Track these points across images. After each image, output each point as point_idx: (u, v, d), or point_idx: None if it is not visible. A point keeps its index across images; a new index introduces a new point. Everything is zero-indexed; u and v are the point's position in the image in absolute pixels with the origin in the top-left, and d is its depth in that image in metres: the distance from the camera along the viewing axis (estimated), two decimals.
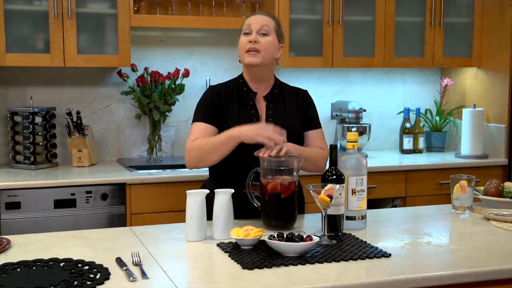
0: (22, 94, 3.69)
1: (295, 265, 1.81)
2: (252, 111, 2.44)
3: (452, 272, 1.79)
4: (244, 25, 2.45)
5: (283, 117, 2.45)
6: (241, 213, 2.27)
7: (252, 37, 2.40)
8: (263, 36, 2.41)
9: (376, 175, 3.66)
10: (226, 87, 2.50)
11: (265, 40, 2.41)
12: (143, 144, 3.92)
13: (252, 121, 2.40)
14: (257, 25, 2.42)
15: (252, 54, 2.40)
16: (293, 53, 3.86)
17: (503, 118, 4.01)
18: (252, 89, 2.47)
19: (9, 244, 2.01)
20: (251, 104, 2.45)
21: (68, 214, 3.20)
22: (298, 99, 2.54)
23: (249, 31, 2.42)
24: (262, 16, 2.47)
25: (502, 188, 2.57)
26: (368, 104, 4.31)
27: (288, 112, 2.48)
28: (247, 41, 2.40)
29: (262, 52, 2.40)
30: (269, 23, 2.44)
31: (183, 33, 3.97)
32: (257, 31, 2.41)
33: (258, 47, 2.39)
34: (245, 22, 2.47)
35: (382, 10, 3.97)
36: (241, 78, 2.50)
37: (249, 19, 2.46)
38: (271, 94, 2.48)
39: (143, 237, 2.13)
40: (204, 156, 2.35)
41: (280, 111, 2.47)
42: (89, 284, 1.65)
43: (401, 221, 2.47)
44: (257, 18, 2.45)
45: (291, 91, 2.55)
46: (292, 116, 2.48)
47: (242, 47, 2.43)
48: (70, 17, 3.39)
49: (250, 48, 2.39)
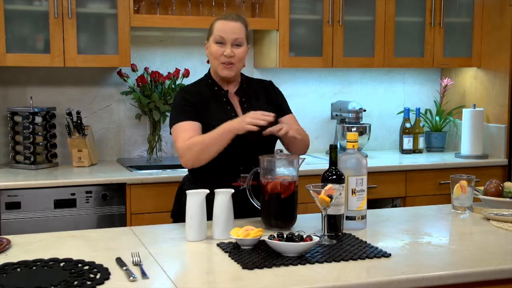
0: (22, 94, 3.69)
1: (295, 265, 1.81)
2: (228, 107, 2.47)
3: (452, 272, 1.79)
4: (216, 32, 2.43)
5: (257, 107, 2.48)
6: (239, 210, 2.26)
7: (228, 52, 2.41)
8: (237, 47, 2.43)
9: (376, 175, 3.66)
10: (197, 88, 2.52)
11: (238, 51, 2.43)
12: (143, 144, 3.93)
13: (231, 116, 2.42)
14: (231, 37, 2.42)
15: (228, 67, 2.44)
16: (293, 53, 3.86)
17: (503, 118, 4.01)
18: (223, 88, 2.50)
19: (9, 244, 2.01)
20: (225, 100, 2.49)
21: (68, 214, 3.20)
22: (265, 90, 2.59)
23: (222, 41, 2.42)
24: (234, 24, 2.44)
25: (502, 188, 2.57)
26: (368, 104, 4.31)
27: (261, 104, 2.52)
28: (221, 54, 2.42)
29: (236, 64, 2.45)
30: (241, 33, 2.45)
31: (183, 33, 3.97)
32: (232, 43, 2.42)
33: (232, 60, 2.43)
34: (216, 27, 2.44)
35: (382, 10, 3.97)
36: (209, 78, 2.53)
37: (222, 27, 2.43)
38: (241, 89, 2.53)
39: (143, 237, 2.13)
40: (201, 154, 2.34)
41: (254, 104, 2.51)
42: (89, 284, 1.65)
43: (401, 221, 2.47)
44: (230, 28, 2.43)
45: (257, 84, 2.61)
46: (265, 107, 2.51)
47: (216, 57, 2.43)
48: (70, 17, 3.39)
49: (226, 62, 2.42)
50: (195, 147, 2.34)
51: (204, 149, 2.32)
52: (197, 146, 2.33)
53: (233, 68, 2.44)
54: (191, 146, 2.35)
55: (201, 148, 2.32)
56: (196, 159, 2.35)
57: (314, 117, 4.25)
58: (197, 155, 2.34)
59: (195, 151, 2.34)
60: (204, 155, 2.34)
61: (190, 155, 2.35)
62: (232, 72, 2.45)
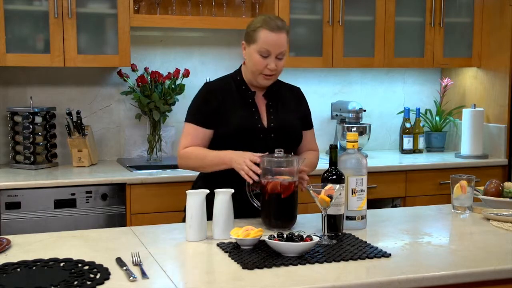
0: (22, 94, 3.69)
1: (295, 265, 1.81)
2: (253, 109, 2.44)
3: (452, 272, 1.79)
4: (261, 44, 2.35)
5: (283, 114, 2.47)
6: (239, 210, 2.26)
7: (272, 66, 2.37)
8: (280, 60, 2.40)
9: (376, 175, 3.65)
10: (223, 84, 2.49)
11: (281, 64, 2.42)
12: (143, 144, 3.92)
13: (253, 119, 2.41)
14: (277, 51, 2.37)
15: (268, 78, 2.42)
16: (293, 53, 3.86)
17: (503, 118, 4.01)
18: (250, 88, 2.48)
19: (9, 244, 2.01)
20: (250, 102, 2.45)
21: (68, 214, 3.20)
22: (294, 96, 2.57)
23: (267, 54, 2.37)
24: (280, 36, 2.37)
25: (502, 188, 2.57)
26: (368, 104, 4.31)
27: (287, 109, 2.50)
28: (265, 66, 2.38)
29: (276, 75, 2.45)
30: (286, 44, 2.40)
31: (183, 33, 3.97)
32: (276, 56, 2.39)
33: (275, 72, 2.41)
34: (261, 38, 2.35)
35: (382, 10, 3.97)
36: (239, 75, 2.50)
37: (268, 41, 2.36)
38: (269, 92, 2.49)
39: (143, 237, 2.13)
40: (194, 168, 2.50)
41: (280, 108, 2.49)
42: (89, 284, 1.65)
43: (401, 221, 2.47)
44: (277, 40, 2.36)
45: (287, 89, 2.58)
46: (292, 113, 2.51)
47: (259, 68, 2.39)
48: (70, 17, 3.39)
49: (268, 74, 2.40)
50: (191, 161, 2.42)
51: (198, 167, 2.46)
52: (193, 160, 2.41)
53: (272, 78, 2.44)
54: (188, 157, 2.42)
55: (196, 165, 2.45)
56: (186, 167, 2.48)
57: (314, 117, 4.16)
58: (190, 168, 2.49)
59: (189, 164, 2.45)
60: (197, 170, 2.50)
61: (184, 165, 2.46)
62: (271, 81, 2.45)
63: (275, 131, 2.42)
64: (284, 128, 2.45)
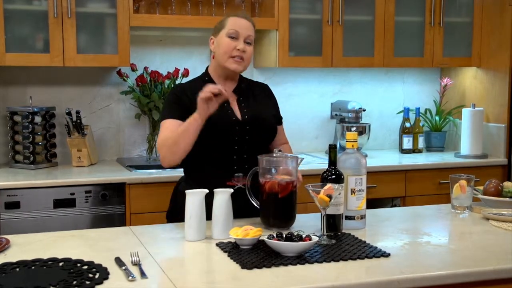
0: (21, 94, 3.69)
1: (294, 265, 1.81)
2: (224, 104, 2.41)
3: (451, 272, 1.79)
4: (229, 26, 2.44)
5: (257, 109, 2.50)
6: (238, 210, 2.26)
7: (241, 46, 2.42)
8: (248, 45, 2.45)
9: (376, 174, 3.66)
10: (192, 85, 2.51)
11: (249, 49, 2.46)
12: (142, 143, 3.93)
13: (227, 112, 2.42)
14: (245, 32, 2.44)
15: (238, 61, 2.44)
16: (293, 52, 3.86)
17: (503, 118, 4.01)
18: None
19: (8, 244, 2.01)
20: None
21: (68, 214, 3.20)
22: (263, 91, 2.62)
23: (235, 36, 2.43)
24: (247, 22, 2.47)
25: (502, 188, 2.57)
26: (368, 103, 4.31)
27: (259, 103, 2.54)
28: (234, 47, 2.42)
29: (245, 61, 2.46)
30: (253, 32, 2.49)
31: (183, 33, 3.97)
32: (244, 39, 2.44)
33: (243, 55, 2.44)
34: (230, 22, 2.45)
35: (381, 10, 3.97)
36: (207, 76, 2.53)
37: (236, 23, 2.45)
38: (239, 88, 2.53)
39: (142, 237, 2.13)
40: (173, 146, 2.32)
41: (251, 102, 2.52)
42: (88, 283, 1.65)
43: (400, 220, 2.47)
44: (245, 24, 2.46)
45: (256, 85, 2.63)
46: (264, 106, 2.54)
47: (227, 50, 2.43)
48: (69, 16, 3.39)
49: (238, 55, 2.43)
50: (168, 141, 2.34)
51: (176, 140, 2.31)
52: (169, 140, 2.34)
53: (242, 64, 2.45)
54: (165, 140, 2.36)
55: (173, 141, 2.31)
56: (170, 153, 2.33)
57: (313, 116, 4.26)
58: (170, 149, 2.33)
59: (167, 145, 2.34)
60: (175, 147, 2.31)
61: (164, 151, 2.35)
62: (241, 67, 2.45)
63: (250, 123, 2.44)
64: (259, 120, 2.47)
